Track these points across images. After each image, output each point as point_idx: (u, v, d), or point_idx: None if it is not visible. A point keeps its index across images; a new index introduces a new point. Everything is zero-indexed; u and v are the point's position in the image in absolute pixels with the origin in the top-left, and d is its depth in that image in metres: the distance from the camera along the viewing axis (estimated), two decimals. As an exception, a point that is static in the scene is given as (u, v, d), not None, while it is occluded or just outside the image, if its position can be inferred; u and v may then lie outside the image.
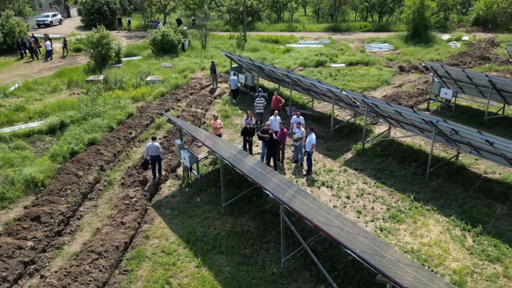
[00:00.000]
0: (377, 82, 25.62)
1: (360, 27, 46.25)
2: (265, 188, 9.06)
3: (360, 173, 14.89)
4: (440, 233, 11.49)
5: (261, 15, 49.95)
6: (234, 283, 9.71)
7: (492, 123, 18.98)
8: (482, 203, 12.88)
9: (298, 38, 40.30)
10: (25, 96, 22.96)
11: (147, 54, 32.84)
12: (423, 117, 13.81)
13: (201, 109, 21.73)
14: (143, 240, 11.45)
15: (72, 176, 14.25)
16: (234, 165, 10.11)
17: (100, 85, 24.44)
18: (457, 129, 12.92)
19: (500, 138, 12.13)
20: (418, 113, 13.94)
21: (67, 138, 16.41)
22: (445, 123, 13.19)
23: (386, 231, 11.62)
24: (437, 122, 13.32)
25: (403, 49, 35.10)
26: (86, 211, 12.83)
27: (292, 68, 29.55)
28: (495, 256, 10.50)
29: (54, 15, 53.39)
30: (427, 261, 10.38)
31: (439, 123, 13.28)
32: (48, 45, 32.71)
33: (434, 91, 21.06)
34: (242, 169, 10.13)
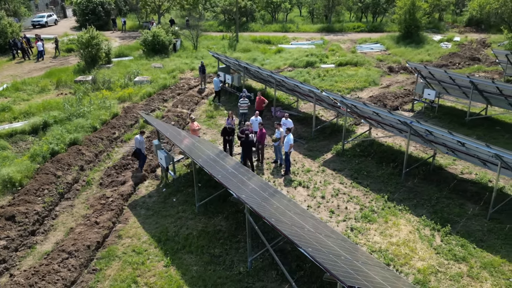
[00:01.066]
0: (365, 82, 25.72)
1: (353, 27, 46.35)
2: (229, 188, 9.17)
3: (337, 173, 14.99)
4: (409, 232, 11.59)
5: (255, 15, 50.04)
6: (200, 282, 9.82)
7: (474, 123, 19.06)
8: (455, 203, 12.97)
9: (290, 38, 40.40)
10: (13, 97, 23.10)
11: (138, 55, 32.96)
12: (399, 118, 13.91)
13: (187, 110, 21.84)
14: (116, 239, 11.56)
15: (50, 176, 14.37)
16: (203, 165, 10.22)
17: (88, 85, 24.57)
18: (431, 130, 13.01)
19: (471, 140, 12.21)
20: (393, 114, 14.03)
21: (48, 138, 16.54)
22: (419, 124, 13.29)
23: (357, 230, 11.72)
24: (411, 122, 13.42)
25: (394, 49, 35.20)
26: (62, 210, 12.95)
27: (282, 69, 29.66)
28: (461, 255, 10.59)
29: (49, 16, 53.56)
30: (393, 260, 10.47)
31: (413, 123, 13.38)
32: (40, 46, 32.88)
33: (418, 92, 21.17)
34: (212, 170, 10.24)
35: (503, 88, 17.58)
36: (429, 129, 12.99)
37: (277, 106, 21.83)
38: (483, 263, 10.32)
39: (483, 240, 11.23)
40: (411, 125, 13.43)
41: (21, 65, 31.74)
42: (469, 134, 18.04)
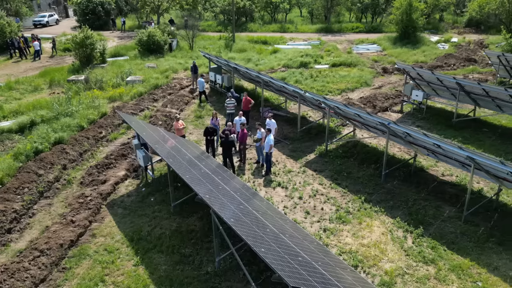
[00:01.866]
0: (356, 83, 25.67)
1: (352, 28, 46.28)
2: (194, 188, 9.22)
3: (318, 174, 14.99)
4: (381, 234, 11.57)
5: (254, 16, 50.08)
6: (167, 281, 9.88)
7: (461, 125, 18.96)
8: (432, 205, 12.92)
9: (287, 39, 40.41)
10: (5, 96, 23.34)
11: (134, 55, 33.12)
12: (377, 119, 13.88)
13: (176, 109, 21.93)
14: (89, 238, 11.66)
15: (32, 174, 14.52)
16: (173, 165, 10.29)
17: (81, 85, 24.75)
18: (408, 132, 12.97)
19: (445, 142, 12.15)
20: (372, 116, 14.01)
21: (33, 137, 16.70)
22: (397, 126, 13.26)
23: (329, 231, 11.72)
24: (389, 124, 13.39)
25: (390, 50, 35.10)
26: (40, 209, 13.08)
27: (276, 69, 29.68)
28: (430, 258, 10.56)
29: (50, 15, 54.03)
30: (362, 262, 10.47)
31: (391, 125, 13.35)
32: (36, 45, 33.18)
33: (407, 93, 21.09)
34: (181, 170, 10.29)
35: (489, 90, 17.47)
36: (406, 131, 12.96)
37: (266, 106, 21.88)
38: (452, 266, 10.28)
39: (454, 242, 11.19)
40: (389, 126, 13.40)
41: (18, 64, 32.06)
42: (456, 135, 18.00)
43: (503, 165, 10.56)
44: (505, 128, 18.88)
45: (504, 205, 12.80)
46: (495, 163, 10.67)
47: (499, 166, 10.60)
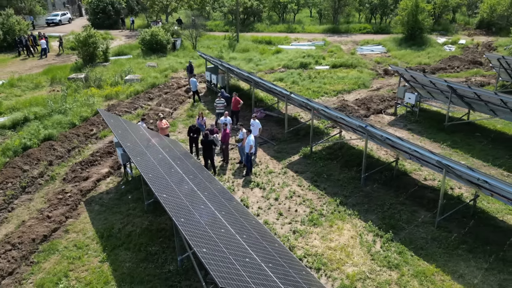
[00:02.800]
0: (354, 85, 25.44)
1: (359, 29, 45.83)
2: (152, 187, 9.32)
3: (298, 176, 14.94)
4: (350, 237, 11.47)
5: (262, 16, 50.06)
6: (128, 279, 10.01)
7: (454, 129, 18.59)
8: (408, 209, 12.74)
9: (292, 39, 40.28)
10: (6, 92, 23.96)
11: (137, 54, 33.53)
12: (356, 121, 13.75)
13: (170, 109, 22.15)
14: (62, 234, 11.89)
15: (17, 170, 14.88)
16: (137, 164, 10.42)
17: (80, 83, 25.21)
18: (385, 136, 12.81)
19: (419, 146, 11.96)
20: (351, 118, 13.89)
21: (23, 133, 17.10)
22: (374, 129, 13.12)
23: (299, 233, 11.67)
24: (366, 127, 13.26)
25: (394, 52, 34.64)
26: (19, 204, 13.40)
27: (275, 70, 29.65)
28: (395, 263, 10.42)
29: (63, 14, 55.10)
30: (325, 265, 10.40)
31: (368, 128, 13.21)
32: (43, 43, 33.92)
33: (400, 96, 20.81)
34: (144, 168, 10.40)
35: (480, 94, 17.09)
36: (382, 134, 12.81)
37: (260, 107, 21.89)
38: (416, 272, 10.12)
39: (423, 248, 11.01)
40: (367, 129, 13.26)
41: (24, 62, 32.83)
42: (446, 139, 17.70)
43: (472, 171, 10.34)
44: (499, 133, 18.45)
45: (481, 212, 12.52)
46: (464, 169, 10.46)
47: (468, 172, 10.39)
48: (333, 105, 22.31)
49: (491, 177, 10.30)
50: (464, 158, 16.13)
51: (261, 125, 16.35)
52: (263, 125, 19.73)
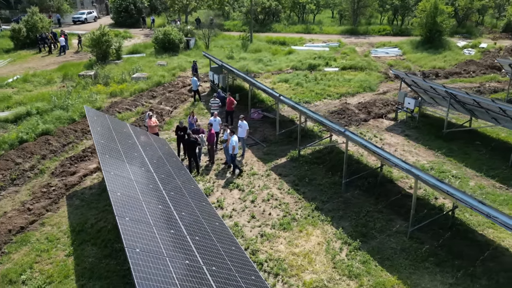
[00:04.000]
0: (359, 88, 24.98)
1: (378, 30, 44.93)
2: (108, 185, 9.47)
3: (280, 179, 14.81)
4: (317, 244, 11.27)
5: (281, 16, 49.88)
6: (88, 273, 10.22)
7: (452, 136, 17.92)
8: (384, 218, 12.40)
9: (307, 40, 39.94)
10: (18, 87, 24.93)
11: (150, 52, 34.13)
12: (336, 126, 13.50)
13: (170, 107, 22.44)
14: (38, 226, 12.27)
15: (10, 162, 15.47)
16: (101, 161, 10.61)
17: (89, 79, 25.93)
18: (360, 142, 12.51)
19: (392, 154, 11.59)
20: (332, 122, 13.64)
21: (21, 127, 17.75)
22: (352, 134, 12.84)
23: (266, 237, 11.57)
24: (344, 131, 12.99)
25: (410, 54, 33.76)
26: (6, 195, 13.92)
27: (283, 70, 29.50)
28: (356, 272, 10.15)
29: (89, 13, 56.73)
30: (285, 271, 10.26)
31: (346, 132, 12.94)
32: (62, 41, 35.10)
33: (400, 100, 20.25)
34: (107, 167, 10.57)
35: (480, 101, 16.38)
36: (360, 140, 12.51)
37: (258, 107, 21.85)
38: (376, 283, 9.83)
39: (390, 258, 10.68)
40: (345, 134, 12.98)
41: (43, 58, 34.06)
42: (442, 147, 17.12)
43: (442, 183, 9.93)
44: (501, 142, 17.65)
45: (461, 224, 12.02)
46: (434, 180, 10.06)
47: (439, 184, 9.99)
48: (334, 108, 22.00)
49: (459, 191, 9.87)
50: (457, 167, 15.53)
51: (248, 127, 16.29)
52: (259, 126, 19.81)
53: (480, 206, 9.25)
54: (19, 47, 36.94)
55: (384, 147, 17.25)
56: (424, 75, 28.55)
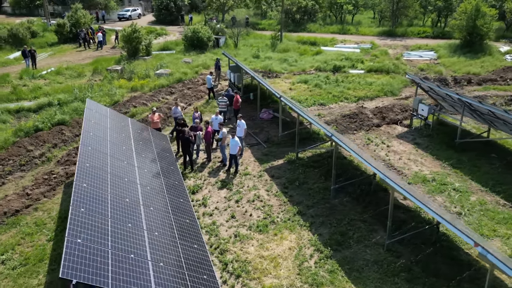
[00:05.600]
0: (379, 92, 24.15)
1: (418, 32, 43.07)
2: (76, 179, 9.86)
3: (272, 180, 14.69)
4: (288, 248, 11.08)
5: (317, 16, 49.20)
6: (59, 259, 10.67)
7: (466, 146, 16.86)
8: (367, 228, 11.95)
9: (339, 41, 39.11)
10: (50, 79, 26.48)
11: (180, 49, 34.95)
12: (324, 129, 13.16)
13: (185, 104, 22.89)
14: (31, 211, 13.01)
15: (21, 149, 16.52)
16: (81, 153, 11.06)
17: (115, 74, 27.03)
18: (347, 148, 12.12)
19: (379, 165, 11.13)
20: (323, 126, 13.33)
21: (39, 117, 18.86)
22: (338, 140, 12.47)
23: (239, 238, 11.54)
24: (331, 136, 12.64)
25: (445, 59, 32.10)
26: (11, 179, 14.87)
27: (306, 71, 29.14)
28: (320, 281, 9.88)
29: (133, 10, 58.96)
30: (247, 273, 10.19)
31: (333, 137, 12.59)
32: (99, 36, 36.80)
33: (415, 107, 19.34)
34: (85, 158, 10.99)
35: (495, 111, 15.28)
36: (344, 146, 12.12)
37: (271, 108, 21.74)
38: (336, 294, 9.52)
39: (359, 270, 10.29)
40: (332, 138, 12.64)
41: (81, 52, 35.89)
42: (451, 158, 16.23)
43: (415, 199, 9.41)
44: (519, 155, 16.39)
45: (447, 240, 11.32)
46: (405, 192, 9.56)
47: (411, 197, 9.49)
48: (348, 112, 21.44)
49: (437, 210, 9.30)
50: (462, 180, 14.63)
51: (246, 126, 16.29)
52: (266, 126, 19.72)
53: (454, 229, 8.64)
54: (62, 41, 39.15)
55: (389, 155, 16.63)
56: (455, 81, 27.11)
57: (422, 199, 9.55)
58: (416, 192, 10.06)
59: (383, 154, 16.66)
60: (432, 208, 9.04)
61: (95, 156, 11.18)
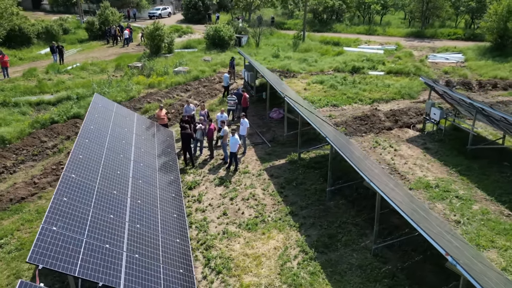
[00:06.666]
0: (396, 94, 23.59)
1: (448, 34, 41.66)
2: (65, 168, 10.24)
3: (270, 180, 14.68)
4: (273, 248, 11.06)
5: (344, 16, 48.53)
6: (54, 245, 11.14)
7: (477, 153, 16.20)
8: (357, 232, 11.75)
9: (363, 42, 38.42)
10: (75, 74, 27.52)
11: (202, 48, 35.42)
12: (321, 131, 13.01)
13: (199, 101, 23.20)
14: (35, 199, 13.62)
15: (36, 140, 17.31)
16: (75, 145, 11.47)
17: (135, 70, 27.77)
18: (339, 151, 11.94)
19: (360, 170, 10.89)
20: (317, 127, 13.18)
21: (56, 110, 19.68)
22: (333, 143, 12.30)
23: (227, 235, 11.63)
24: (326, 137, 12.48)
25: (472, 62, 30.92)
26: (23, 168, 15.62)
27: (325, 71, 28.85)
28: (299, 282, 9.81)
29: (164, 9, 60.23)
30: (229, 270, 10.26)
31: (327, 139, 12.43)
32: (126, 34, 37.87)
33: (427, 110, 18.75)
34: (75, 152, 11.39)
35: (507, 117, 14.58)
36: (338, 150, 11.94)
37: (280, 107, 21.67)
38: (313, 296, 9.42)
39: (341, 273, 10.13)
40: (326, 140, 12.47)
41: (108, 49, 37.07)
42: (462, 164, 15.68)
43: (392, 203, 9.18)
44: (534, 165, 15.57)
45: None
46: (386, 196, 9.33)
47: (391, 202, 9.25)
48: (360, 114, 21.07)
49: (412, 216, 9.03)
50: (467, 187, 14.08)
51: (248, 125, 16.35)
52: (274, 126, 19.70)
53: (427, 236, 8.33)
54: (92, 38, 40.53)
55: (395, 159, 16.23)
56: (479, 85, 26.07)
57: (400, 204, 9.29)
58: (397, 198, 9.77)
59: (389, 158, 16.28)
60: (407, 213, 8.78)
61: (90, 148, 11.58)
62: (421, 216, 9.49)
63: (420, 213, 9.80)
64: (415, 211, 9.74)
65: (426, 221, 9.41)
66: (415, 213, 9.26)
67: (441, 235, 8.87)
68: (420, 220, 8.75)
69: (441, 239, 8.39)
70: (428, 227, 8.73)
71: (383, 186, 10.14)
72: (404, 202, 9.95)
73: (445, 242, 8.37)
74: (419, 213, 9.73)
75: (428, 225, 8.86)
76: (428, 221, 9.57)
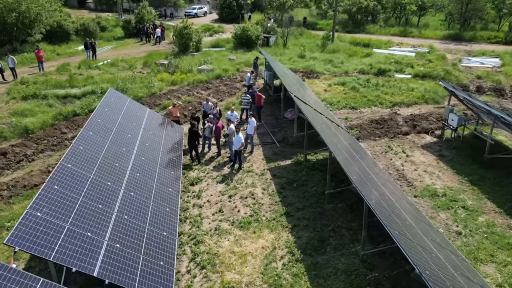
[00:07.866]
0: (418, 99, 22.85)
1: (488, 37, 39.69)
2: (63, 160, 10.74)
3: (272, 180, 14.69)
4: (261, 247, 11.08)
5: (378, 17, 47.38)
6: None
7: (495, 162, 15.43)
8: (350, 236, 11.54)
9: (394, 43, 37.38)
10: (104, 70, 28.66)
11: (229, 47, 35.81)
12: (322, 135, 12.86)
13: (216, 99, 23.52)
14: (47, 186, 14.35)
15: (57, 131, 18.24)
16: (77, 138, 11.98)
17: (161, 67, 28.55)
18: (335, 155, 11.77)
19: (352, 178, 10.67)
20: (319, 130, 13.04)
21: (79, 103, 20.62)
22: (333, 146, 12.14)
23: (218, 232, 11.78)
24: (324, 141, 12.32)
25: (510, 67, 29.31)
26: (41, 157, 16.50)
27: (349, 73, 28.38)
28: (280, 283, 9.78)
29: (200, 8, 61.36)
30: (213, 266, 10.40)
31: (325, 141, 12.27)
32: (158, 32, 38.94)
33: (445, 117, 18.01)
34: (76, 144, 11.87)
35: (525, 125, 13.80)
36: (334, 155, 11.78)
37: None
38: (291, 297, 9.37)
39: (325, 277, 10.00)
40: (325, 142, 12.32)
41: (140, 46, 38.26)
42: (475, 174, 15.05)
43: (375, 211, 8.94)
44: (556, 178, 14.60)
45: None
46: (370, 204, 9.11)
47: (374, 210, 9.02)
48: (378, 117, 20.57)
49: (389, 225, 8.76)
50: (477, 198, 13.45)
51: (256, 124, 16.42)
52: (286, 126, 19.65)
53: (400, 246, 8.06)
54: (127, 36, 41.97)
55: (405, 165, 15.76)
56: (513, 91, 24.71)
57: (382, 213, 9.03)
58: (380, 207, 9.49)
59: (399, 164, 15.82)
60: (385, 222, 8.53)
61: (93, 141, 12.08)
62: (406, 224, 9.19)
63: (406, 221, 9.49)
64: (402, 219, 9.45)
65: (411, 229, 9.11)
66: (398, 221, 8.99)
67: (422, 244, 8.56)
68: (397, 228, 8.48)
69: (417, 249, 8.10)
70: (408, 235, 8.45)
71: (368, 191, 9.90)
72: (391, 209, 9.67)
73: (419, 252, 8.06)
74: (404, 222, 9.42)
75: (409, 234, 8.57)
76: (414, 230, 9.26)
